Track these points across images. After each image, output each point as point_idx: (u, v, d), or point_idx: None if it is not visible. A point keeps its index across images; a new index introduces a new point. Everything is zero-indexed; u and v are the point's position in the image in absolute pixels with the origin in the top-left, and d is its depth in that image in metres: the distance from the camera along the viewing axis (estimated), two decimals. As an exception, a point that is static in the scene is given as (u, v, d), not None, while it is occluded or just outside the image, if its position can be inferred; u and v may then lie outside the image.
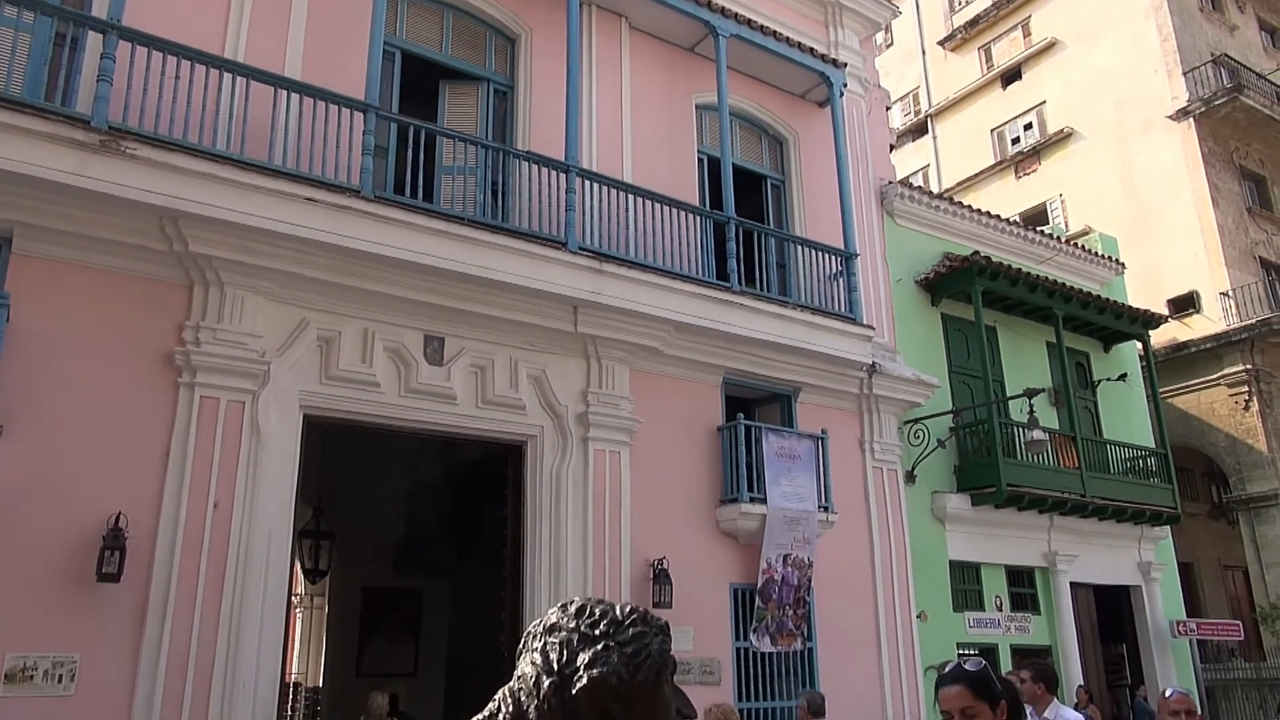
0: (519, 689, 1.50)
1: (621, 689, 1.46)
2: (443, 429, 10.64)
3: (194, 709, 8.28)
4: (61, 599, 7.96)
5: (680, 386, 12.27)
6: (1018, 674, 6.13)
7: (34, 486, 8.03)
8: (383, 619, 16.32)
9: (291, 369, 9.55)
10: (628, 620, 1.55)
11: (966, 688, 3.02)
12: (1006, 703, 3.03)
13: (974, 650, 14.56)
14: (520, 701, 1.48)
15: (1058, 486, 15.37)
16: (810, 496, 12.41)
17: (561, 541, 10.74)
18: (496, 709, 1.50)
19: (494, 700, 1.52)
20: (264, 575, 8.89)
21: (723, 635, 11.67)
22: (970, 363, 15.96)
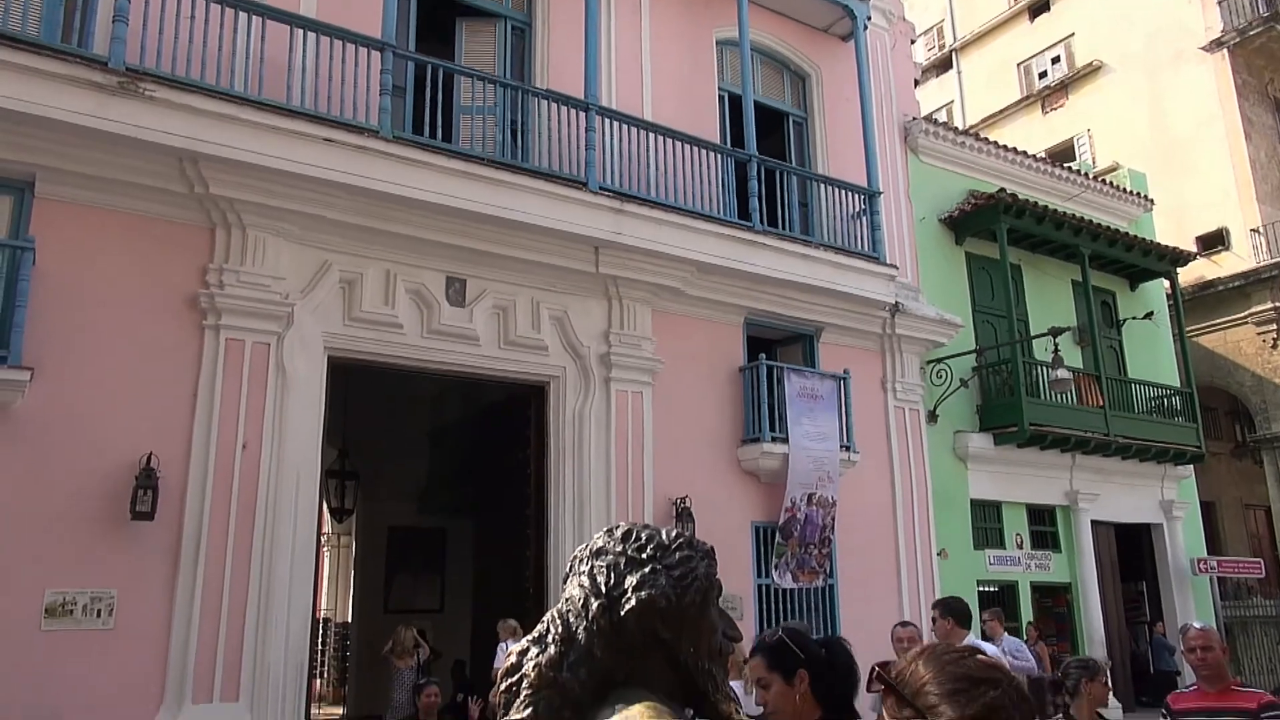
0: (567, 610, 1.52)
1: (669, 611, 1.47)
2: (465, 370, 10.69)
3: (229, 643, 8.49)
4: (97, 537, 8.14)
5: (702, 327, 12.24)
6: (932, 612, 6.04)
7: (67, 427, 8.15)
8: (408, 557, 16.62)
9: (315, 311, 9.59)
10: (674, 544, 1.55)
11: (761, 658, 2.92)
12: (808, 672, 2.85)
13: (993, 587, 14.69)
14: (569, 623, 1.50)
15: (1081, 426, 15.31)
16: (832, 436, 12.43)
17: (585, 480, 10.83)
18: (545, 630, 1.52)
19: (543, 621, 1.54)
20: (293, 514, 9.03)
21: (744, 572, 11.80)
22: (994, 302, 15.81)
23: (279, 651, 8.72)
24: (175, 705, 8.16)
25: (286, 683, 8.75)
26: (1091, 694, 4.61)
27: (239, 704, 8.42)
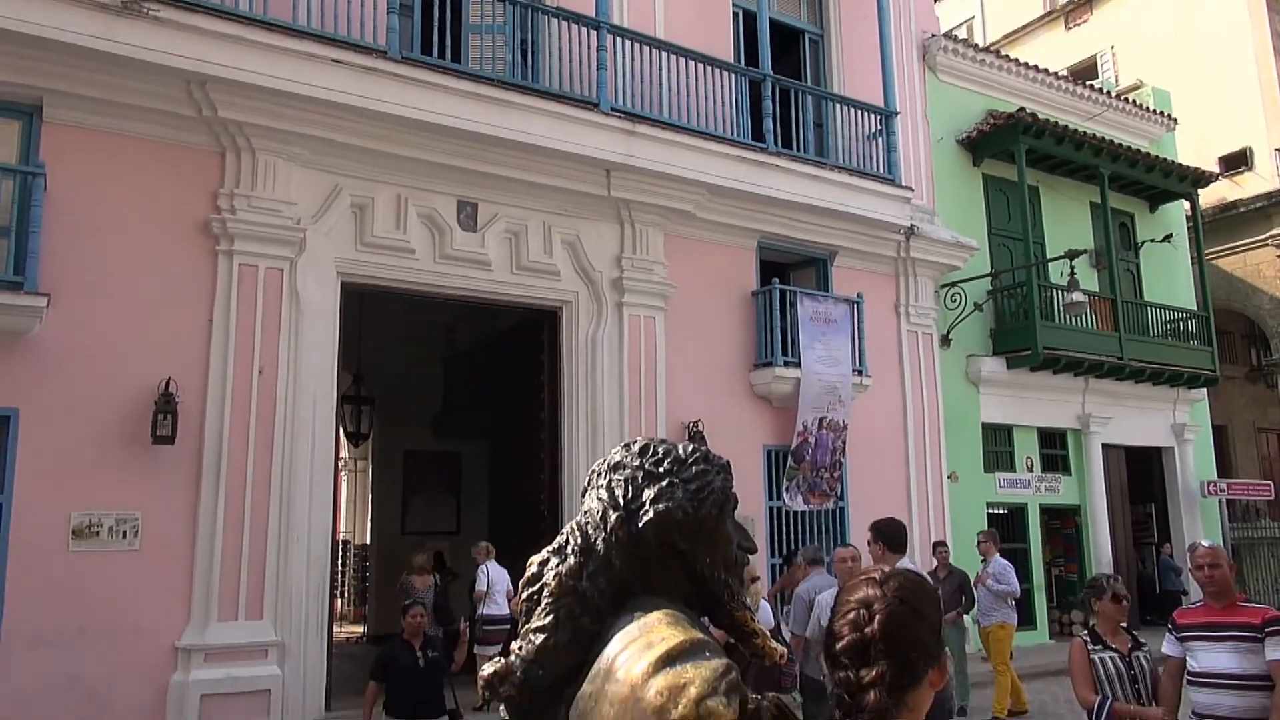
0: (586, 523, 1.55)
1: (686, 523, 1.50)
2: (478, 295, 10.69)
3: (252, 563, 8.69)
4: (120, 460, 8.28)
5: (715, 251, 12.17)
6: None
7: (85, 353, 8.23)
8: (424, 481, 16.87)
9: (327, 236, 9.57)
10: (690, 458, 1.57)
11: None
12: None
13: (1003, 510, 14.83)
14: (588, 534, 1.53)
15: (1095, 349, 15.26)
16: (845, 360, 12.43)
17: (598, 405, 10.91)
18: (565, 541, 1.55)
19: (562, 533, 1.57)
20: (311, 437, 9.15)
21: (756, 494, 11.94)
22: (1011, 225, 15.62)
23: (301, 571, 8.93)
24: (202, 623, 8.40)
25: (309, 601, 8.98)
26: (1103, 611, 4.68)
27: (264, 621, 8.66)
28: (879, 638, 1.38)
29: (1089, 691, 4.52)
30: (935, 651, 1.41)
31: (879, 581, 1.44)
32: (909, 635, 1.39)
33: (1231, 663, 4.20)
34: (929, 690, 1.40)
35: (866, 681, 1.37)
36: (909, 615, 1.40)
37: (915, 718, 1.40)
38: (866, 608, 1.41)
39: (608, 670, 1.36)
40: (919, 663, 1.39)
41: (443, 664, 6.58)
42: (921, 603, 1.43)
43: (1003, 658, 9.71)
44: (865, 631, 1.40)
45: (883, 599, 1.41)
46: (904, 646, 1.38)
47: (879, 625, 1.39)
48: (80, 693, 7.80)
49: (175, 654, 8.27)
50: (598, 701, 1.33)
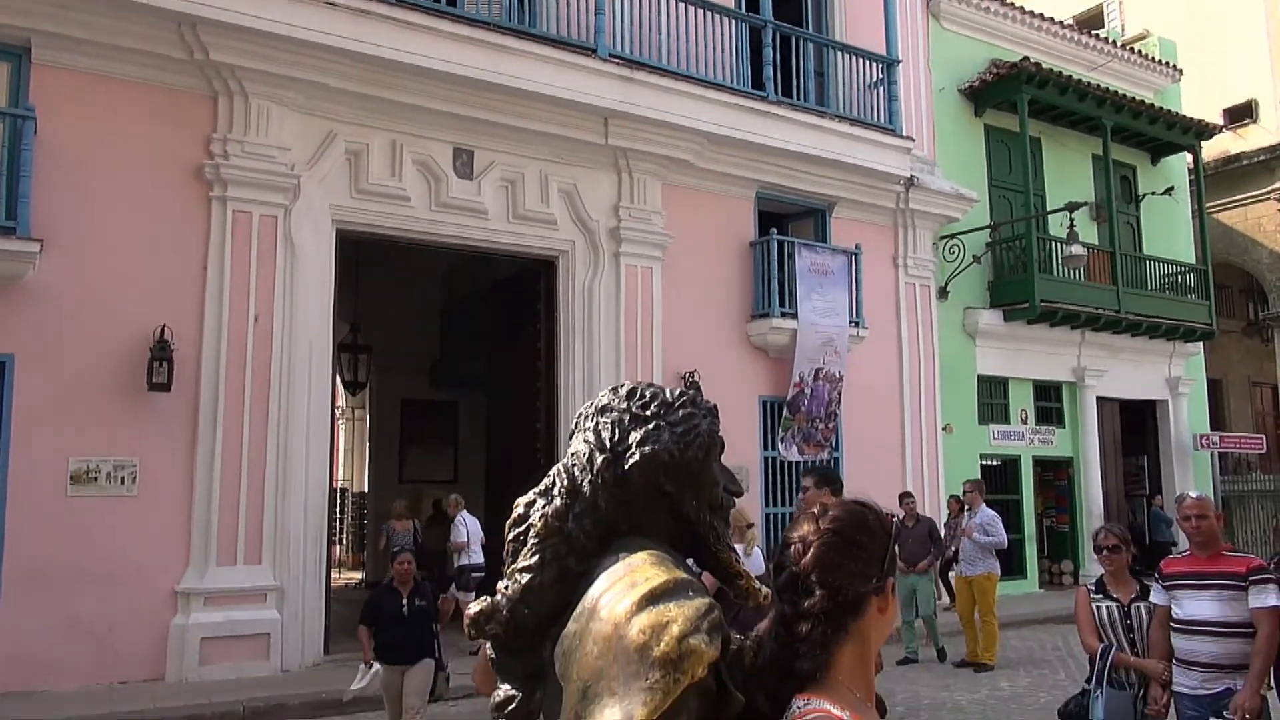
0: (573, 464, 1.55)
1: (672, 465, 1.51)
2: (474, 244, 10.63)
3: (250, 509, 8.76)
4: (117, 407, 8.30)
5: (713, 201, 12.09)
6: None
7: (80, 300, 8.21)
8: (422, 430, 16.94)
9: (321, 183, 9.49)
10: (678, 402, 1.58)
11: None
12: None
13: (996, 461, 14.94)
14: (574, 476, 1.54)
15: (1092, 302, 15.24)
16: (842, 312, 12.43)
17: (594, 355, 10.92)
18: (552, 483, 1.56)
19: (549, 475, 1.58)
20: (307, 385, 9.17)
21: (751, 444, 12.01)
22: (1012, 176, 15.50)
23: (298, 517, 9.00)
24: (201, 567, 8.48)
25: (307, 547, 9.07)
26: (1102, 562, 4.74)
27: (262, 566, 8.76)
28: (811, 570, 1.39)
29: (1093, 638, 4.63)
30: (878, 580, 1.40)
31: (817, 516, 1.45)
32: (843, 566, 1.38)
33: (1215, 610, 4.25)
34: (879, 617, 1.40)
35: (802, 612, 1.37)
36: (842, 546, 1.39)
37: (863, 647, 1.40)
38: (803, 542, 1.42)
39: (592, 609, 1.37)
40: (856, 593, 1.38)
41: (430, 613, 6.40)
42: (858, 533, 1.41)
43: (991, 607, 9.79)
44: (800, 565, 1.40)
45: (817, 532, 1.41)
46: (838, 577, 1.38)
47: (811, 558, 1.40)
48: (81, 634, 7.90)
49: (175, 598, 8.37)
50: (581, 640, 1.35)
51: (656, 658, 1.25)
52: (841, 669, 1.38)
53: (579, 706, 1.30)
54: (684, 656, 1.24)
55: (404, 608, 6.31)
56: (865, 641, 1.40)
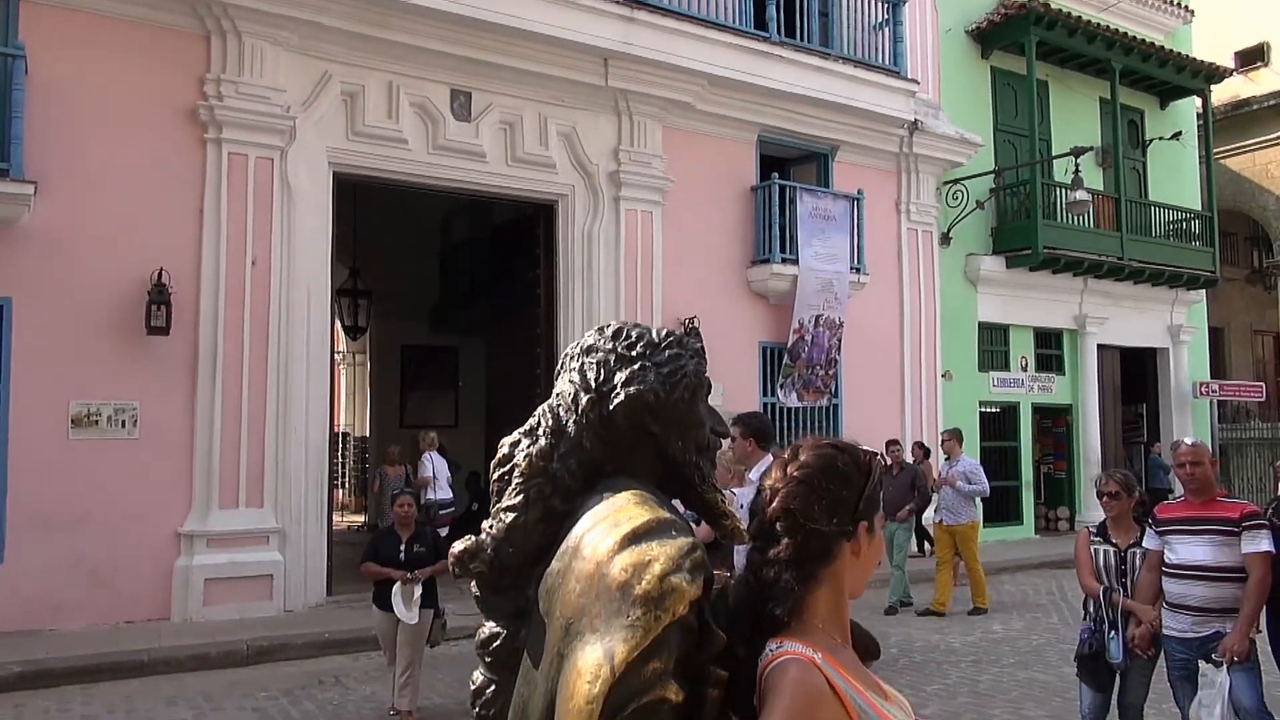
0: (558, 405, 1.54)
1: (657, 406, 1.50)
2: (473, 188, 10.54)
3: (251, 453, 8.80)
4: (116, 351, 8.30)
5: (714, 145, 11.95)
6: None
7: (76, 242, 8.16)
8: (423, 374, 17.00)
9: (317, 125, 9.37)
10: (664, 343, 1.56)
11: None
12: None
13: (995, 408, 14.97)
14: (559, 416, 1.53)
15: (1095, 249, 15.14)
16: (843, 258, 12.36)
17: (594, 300, 10.89)
18: (537, 423, 1.55)
19: (534, 415, 1.57)
20: (306, 329, 9.16)
21: (751, 391, 12.02)
22: (1018, 121, 15.29)
23: (299, 461, 9.06)
24: (203, 510, 8.56)
25: (308, 490, 9.14)
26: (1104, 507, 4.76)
27: (264, 509, 8.83)
28: (776, 518, 1.38)
29: (1091, 580, 4.70)
30: (848, 524, 1.38)
31: (785, 462, 1.44)
32: (808, 513, 1.37)
33: (1207, 555, 4.29)
34: (854, 561, 1.39)
35: (769, 560, 1.37)
36: (807, 493, 1.38)
37: (836, 591, 1.39)
38: (771, 489, 1.41)
39: (575, 548, 1.37)
40: (824, 538, 1.36)
41: (429, 560, 6.08)
42: (826, 479, 1.39)
43: (975, 554, 9.76)
44: (766, 512, 1.40)
45: (784, 479, 1.40)
46: (804, 522, 1.36)
47: (776, 506, 1.39)
48: (87, 575, 8.00)
49: (178, 540, 8.46)
50: (564, 578, 1.35)
51: (638, 595, 1.25)
52: (815, 613, 1.37)
53: (561, 643, 1.31)
54: (665, 594, 1.24)
55: (402, 552, 6.13)
56: (838, 586, 1.39)
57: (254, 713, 6.28)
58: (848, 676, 1.33)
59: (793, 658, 1.30)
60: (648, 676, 1.22)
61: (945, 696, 6.63)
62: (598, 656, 1.24)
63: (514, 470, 1.52)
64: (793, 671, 1.28)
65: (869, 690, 1.36)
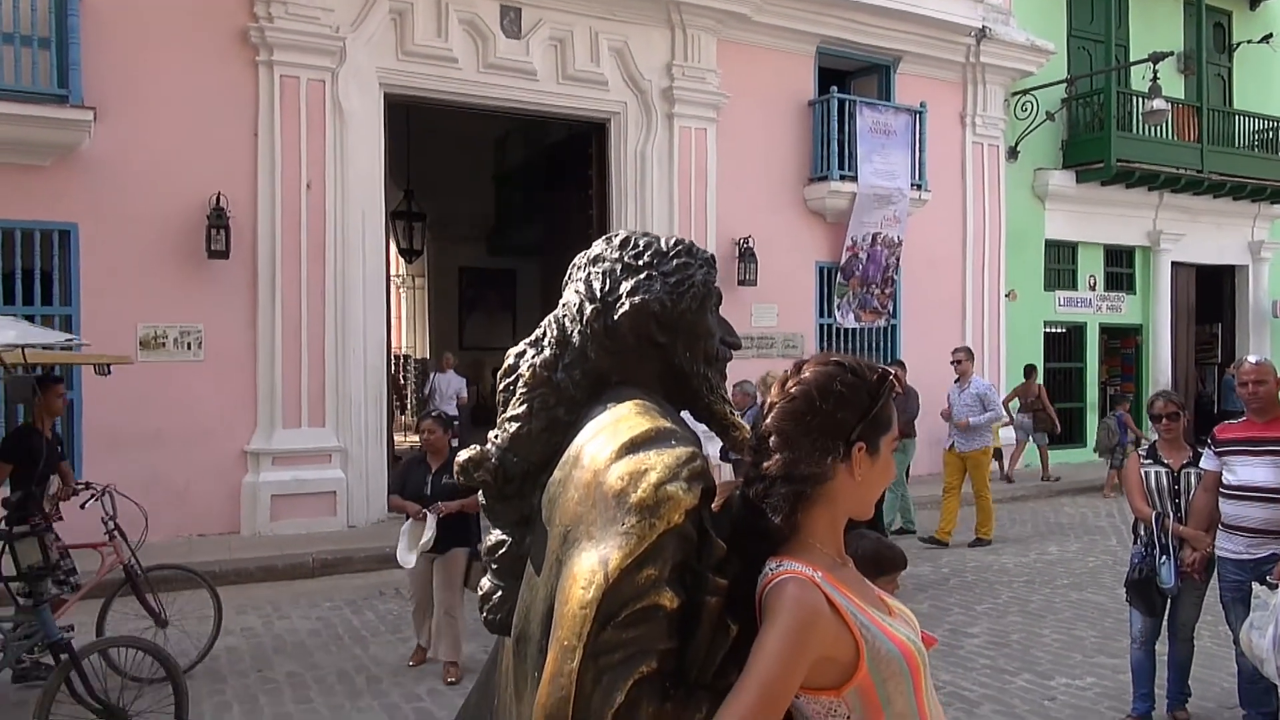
0: (563, 315, 1.53)
1: (663, 315, 1.47)
2: (524, 107, 10.42)
3: (311, 373, 9.01)
4: (179, 274, 8.51)
5: (770, 58, 11.60)
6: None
7: (135, 168, 8.31)
8: (480, 297, 17.15)
9: (367, 45, 9.32)
10: (672, 251, 1.53)
11: None
12: None
13: (1061, 329, 14.60)
14: (564, 326, 1.51)
15: (1173, 161, 14.46)
16: (903, 174, 12.01)
17: (647, 220, 10.78)
18: (542, 333, 1.54)
19: (540, 326, 1.56)
20: (361, 252, 9.26)
21: (807, 312, 11.89)
22: (1093, 25, 14.52)
23: (359, 381, 9.25)
24: (268, 429, 8.83)
25: (368, 410, 9.35)
26: (1159, 429, 4.65)
27: (325, 429, 9.08)
28: (768, 434, 1.35)
29: (1143, 504, 4.62)
30: (844, 443, 1.35)
31: (785, 378, 1.40)
32: (798, 432, 1.33)
33: (1268, 476, 4.16)
34: (849, 481, 1.36)
35: (760, 474, 1.34)
36: (798, 413, 1.34)
37: (831, 512, 1.37)
38: (769, 406, 1.38)
39: (575, 457, 1.37)
40: (814, 458, 1.33)
41: (460, 492, 5.22)
42: (821, 398, 1.34)
43: (985, 481, 9.29)
44: (762, 427, 1.37)
45: (781, 395, 1.37)
46: (794, 443, 1.33)
47: (769, 424, 1.36)
48: (161, 491, 8.31)
49: (245, 457, 8.76)
50: (564, 486, 1.35)
51: (633, 503, 1.24)
52: (812, 532, 1.36)
53: (560, 550, 1.32)
54: (660, 503, 1.24)
55: (428, 484, 5.39)
56: (834, 505, 1.37)
57: (318, 621, 6.56)
58: (848, 593, 1.32)
59: (791, 576, 1.29)
60: (641, 583, 1.22)
61: (995, 615, 6.63)
62: (592, 563, 1.24)
63: (519, 380, 1.51)
64: (790, 589, 1.27)
65: (871, 606, 1.35)
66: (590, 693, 1.20)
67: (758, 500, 1.34)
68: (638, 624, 1.22)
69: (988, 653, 5.76)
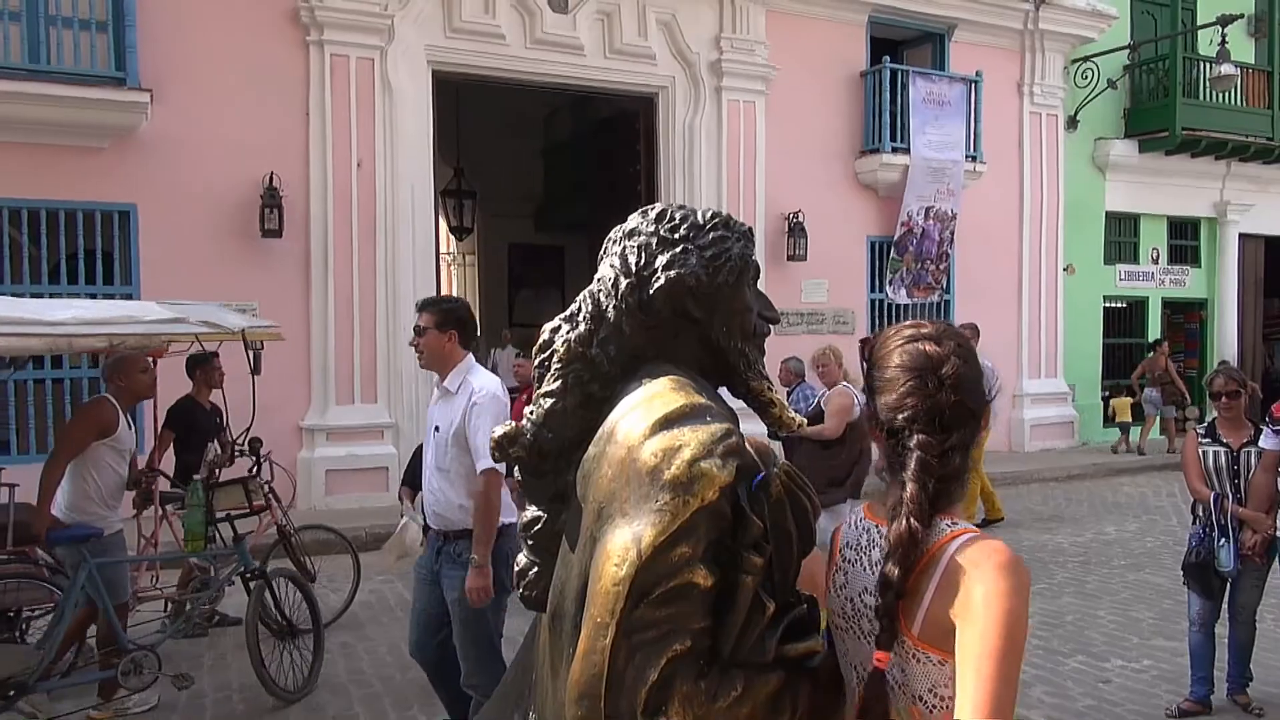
0: (598, 290, 1.51)
1: (699, 289, 1.45)
2: (572, 83, 10.39)
3: (363, 350, 9.14)
4: (235, 253, 8.66)
5: (821, 28, 11.40)
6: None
7: (190, 148, 8.46)
8: (530, 273, 17.18)
9: (415, 22, 9.35)
10: (708, 224, 1.50)
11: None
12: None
13: (1121, 303, 14.23)
14: (599, 301, 1.49)
15: (1242, 129, 13.95)
16: (958, 145, 11.76)
17: (695, 195, 10.70)
18: (577, 309, 1.52)
19: (576, 301, 1.54)
20: (412, 229, 9.34)
21: (858, 287, 11.74)
22: (1158, -12, 14.04)
23: (410, 357, 9.29)
24: (322, 406, 8.98)
25: (419, 387, 9.43)
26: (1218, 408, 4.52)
27: (378, 405, 9.21)
28: (953, 403, 1.34)
29: (1200, 483, 4.51)
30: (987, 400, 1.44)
31: (934, 338, 1.38)
32: (976, 394, 1.38)
33: (1335, 454, 4.02)
34: (980, 437, 1.43)
35: (948, 447, 1.33)
36: (972, 374, 1.38)
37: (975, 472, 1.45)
38: (934, 372, 1.35)
39: (610, 432, 1.35)
40: (979, 419, 1.40)
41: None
42: (973, 356, 1.41)
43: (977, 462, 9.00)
44: (939, 397, 1.34)
45: (949, 361, 1.36)
46: (971, 406, 1.37)
47: (951, 389, 1.35)
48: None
49: (300, 433, 8.92)
50: (599, 463, 1.34)
51: (666, 480, 1.22)
52: (962, 495, 1.41)
53: (594, 527, 1.31)
54: (694, 480, 1.22)
55: None
56: (976, 466, 1.45)
57: (371, 594, 6.69)
58: None
59: (977, 535, 1.31)
60: (675, 561, 1.20)
61: (1049, 596, 6.51)
62: (625, 540, 1.23)
63: (553, 356, 1.50)
64: (998, 545, 1.28)
65: None
66: (623, 670, 1.19)
67: (946, 470, 1.34)
68: (671, 602, 1.20)
69: (1040, 633, 5.67)
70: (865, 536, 1.41)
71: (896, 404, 1.36)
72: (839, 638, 1.42)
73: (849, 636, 1.39)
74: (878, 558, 1.33)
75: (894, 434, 1.37)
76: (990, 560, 1.24)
